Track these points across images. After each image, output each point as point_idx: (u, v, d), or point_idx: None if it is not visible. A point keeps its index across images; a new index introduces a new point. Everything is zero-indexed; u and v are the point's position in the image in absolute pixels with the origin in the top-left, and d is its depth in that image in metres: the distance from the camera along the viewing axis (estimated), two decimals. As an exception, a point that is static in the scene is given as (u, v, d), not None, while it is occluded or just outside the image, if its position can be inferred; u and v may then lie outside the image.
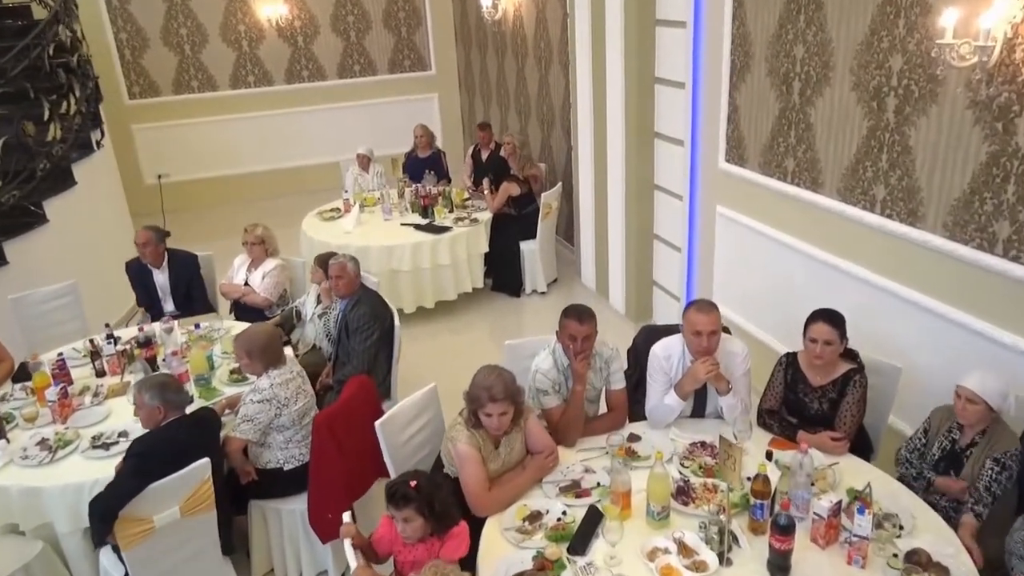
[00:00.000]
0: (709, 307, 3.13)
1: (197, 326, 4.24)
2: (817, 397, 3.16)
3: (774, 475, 2.70)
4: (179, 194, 9.18)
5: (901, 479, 2.97)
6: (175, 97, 8.97)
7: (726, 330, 3.39)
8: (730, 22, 4.33)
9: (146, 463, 2.82)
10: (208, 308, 4.89)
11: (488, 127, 7.32)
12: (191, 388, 3.76)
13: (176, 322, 4.48)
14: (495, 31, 8.29)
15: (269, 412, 3.26)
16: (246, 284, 4.86)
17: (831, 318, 3.06)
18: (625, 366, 3.77)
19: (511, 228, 6.36)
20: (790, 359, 3.26)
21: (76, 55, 5.90)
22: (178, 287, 4.85)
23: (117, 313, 5.75)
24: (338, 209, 6.60)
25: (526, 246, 6.35)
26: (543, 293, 6.46)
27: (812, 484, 2.71)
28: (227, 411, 3.52)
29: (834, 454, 2.99)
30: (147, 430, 3.01)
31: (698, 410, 3.32)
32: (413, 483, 2.42)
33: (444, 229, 5.99)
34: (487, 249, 6.22)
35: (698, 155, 4.93)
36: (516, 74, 7.91)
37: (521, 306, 6.36)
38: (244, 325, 4.44)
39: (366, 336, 3.92)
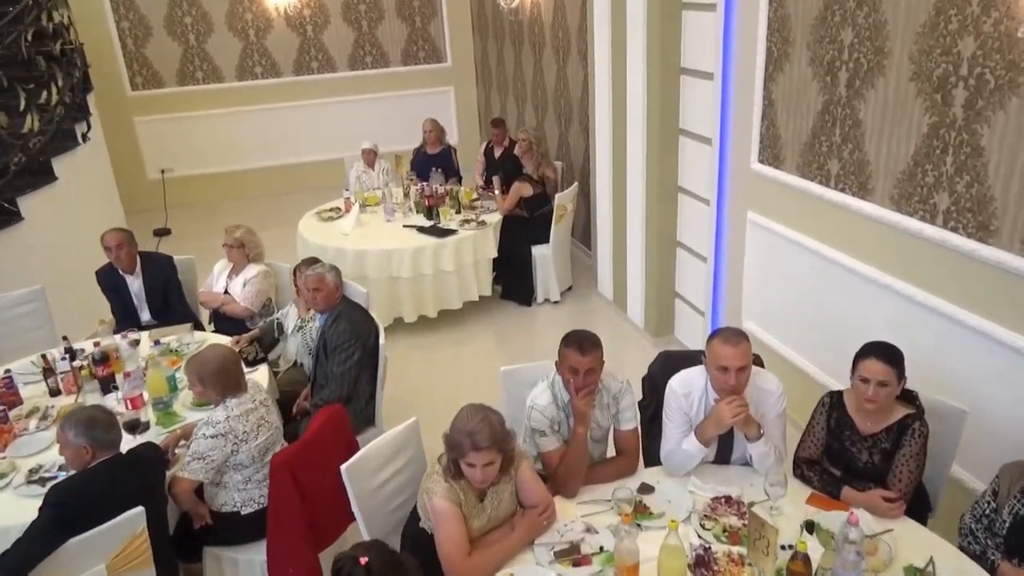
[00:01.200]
0: (738, 337, 2.62)
1: (157, 342, 3.81)
2: (867, 447, 2.64)
3: (815, 550, 2.21)
4: (182, 189, 8.83)
5: (962, 551, 2.45)
6: (179, 89, 8.61)
7: (757, 361, 2.89)
8: (766, 4, 3.81)
9: (66, 513, 2.40)
10: (186, 317, 4.47)
11: (502, 123, 6.84)
12: (148, 413, 3.35)
13: (146, 334, 4.08)
14: (511, 20, 7.81)
15: (224, 449, 2.82)
16: (226, 292, 4.44)
17: (888, 355, 2.54)
18: (639, 397, 3.29)
19: (522, 231, 5.88)
20: (834, 400, 2.75)
21: (59, 42, 5.52)
22: (153, 294, 4.44)
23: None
24: (338, 209, 6.17)
25: (538, 251, 5.86)
26: (556, 302, 5.97)
27: (861, 558, 2.20)
28: (182, 442, 3.09)
29: (887, 518, 2.48)
30: (74, 471, 2.59)
31: (723, 454, 2.82)
32: (363, 560, 1.96)
33: (449, 232, 5.53)
34: (495, 254, 5.75)
35: (727, 155, 4.41)
36: (533, 66, 7.42)
37: (532, 317, 5.88)
38: (221, 338, 4.05)
39: (346, 357, 3.47)
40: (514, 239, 5.87)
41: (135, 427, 3.15)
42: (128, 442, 3.09)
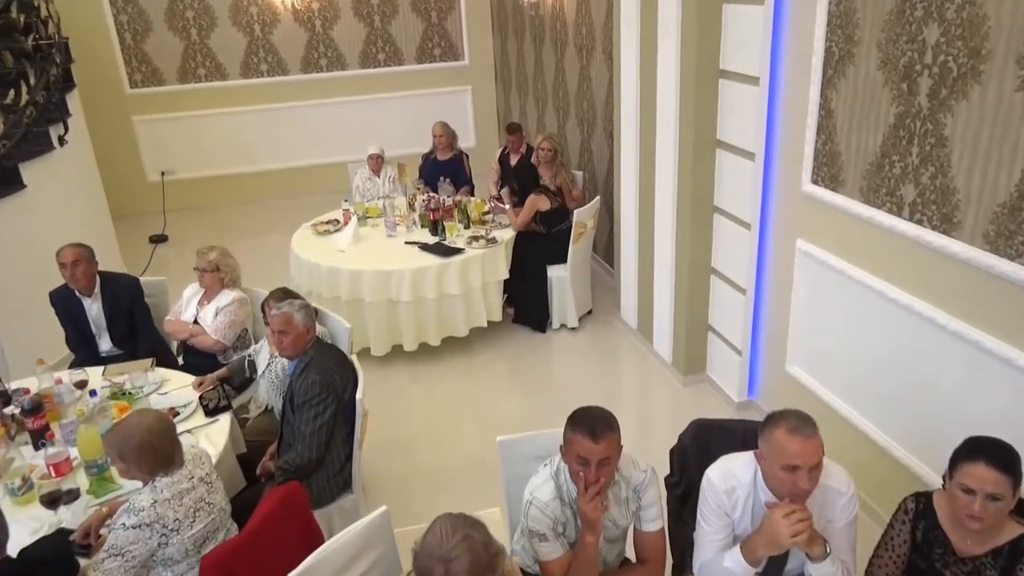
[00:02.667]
0: (811, 428, 2.03)
1: (93, 392, 3.28)
2: (966, 572, 2.03)
3: None
4: (183, 193, 8.37)
5: None
6: (180, 87, 8.13)
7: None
8: (827, -5, 3.19)
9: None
10: (154, 349, 3.96)
11: (519, 129, 6.25)
12: (79, 479, 2.82)
13: (100, 371, 3.56)
14: (532, 15, 7.21)
15: (149, 542, 2.28)
16: (196, 322, 3.91)
17: (1003, 459, 1.91)
18: (666, 472, 2.71)
19: (538, 249, 5.30)
20: (922, 506, 2.13)
21: (33, 37, 5.03)
22: (116, 320, 3.93)
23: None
24: (336, 221, 5.62)
25: (554, 272, 5.27)
26: (573, 329, 5.37)
27: None
28: (108, 523, 2.55)
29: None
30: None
31: (773, 568, 2.22)
32: None
33: (454, 251, 4.96)
34: (507, 275, 5.17)
35: (773, 173, 3.79)
36: (555, 65, 6.82)
37: (547, 344, 5.29)
38: (184, 377, 3.52)
39: (315, 414, 2.91)
40: (528, 257, 5.29)
41: (55, 500, 2.63)
42: (40, 525, 2.57)
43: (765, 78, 3.63)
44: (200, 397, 3.29)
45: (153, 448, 2.30)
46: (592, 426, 2.09)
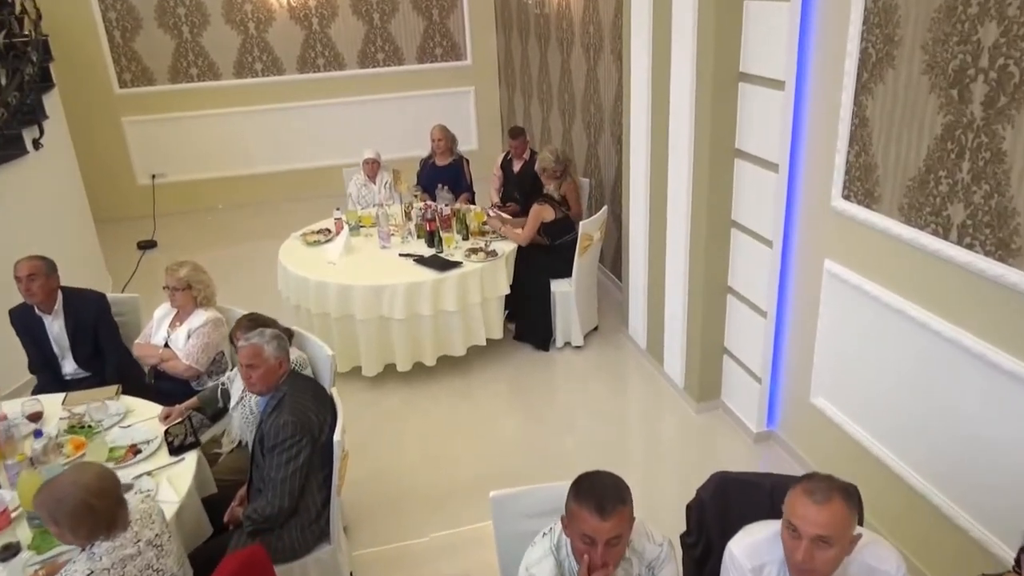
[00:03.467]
0: (828, 493, 1.72)
1: (38, 433, 2.96)
2: None
3: None
4: (175, 197, 8.08)
5: None
6: (172, 86, 7.83)
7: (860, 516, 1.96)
8: (863, -10, 2.86)
9: None
10: (122, 372, 3.65)
11: (522, 133, 5.92)
12: (20, 532, 2.51)
13: (64, 398, 3.26)
14: (537, 12, 6.88)
15: (84, 619, 1.96)
16: (167, 346, 3.59)
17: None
18: (683, 530, 2.39)
19: (541, 262, 4.97)
20: (990, 595, 1.81)
21: (4, 34, 4.73)
22: (80, 340, 3.63)
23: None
24: (327, 230, 5.31)
25: (558, 287, 4.94)
26: (578, 347, 5.04)
27: None
28: (48, 589, 2.25)
29: None
30: None
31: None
32: None
33: (452, 265, 4.64)
34: (508, 290, 4.84)
35: (799, 186, 3.46)
36: (560, 66, 6.49)
37: (550, 364, 4.96)
38: (150, 408, 3.21)
39: (287, 459, 2.59)
40: (531, 270, 4.96)
41: (-11, 559, 2.32)
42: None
43: (791, 82, 3.30)
44: (165, 432, 2.97)
45: (92, 510, 1.99)
46: (600, 500, 1.77)
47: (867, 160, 2.99)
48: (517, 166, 5.99)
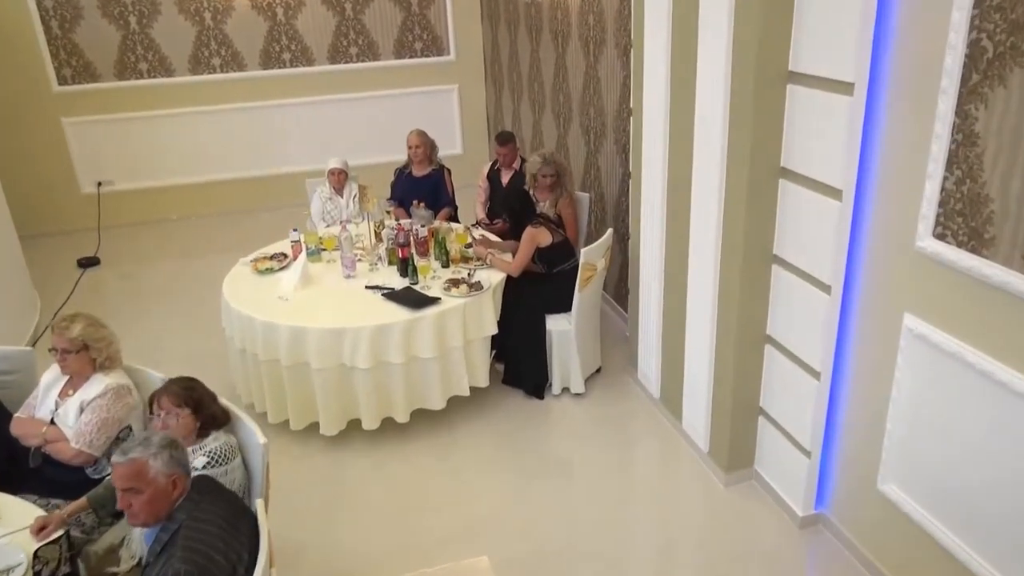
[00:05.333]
0: None
1: None
2: None
3: None
4: (123, 206, 7.23)
5: None
6: (118, 83, 6.97)
7: None
8: (978, -37, 2.10)
9: None
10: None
11: (511, 139, 5.15)
12: None
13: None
14: (528, 1, 6.10)
15: None
16: (52, 422, 2.79)
17: None
18: None
19: (535, 294, 4.20)
20: None
21: None
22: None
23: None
24: (283, 255, 4.51)
25: (556, 324, 4.18)
26: (579, 395, 4.28)
27: None
28: None
29: None
30: None
31: None
32: None
33: (428, 301, 3.85)
34: (495, 330, 4.07)
35: (869, 218, 2.71)
36: (555, 62, 5.71)
37: (545, 415, 4.19)
38: (24, 510, 2.42)
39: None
40: (523, 304, 4.19)
41: None
42: None
43: (862, 84, 2.54)
44: (35, 555, 2.19)
45: None
46: None
47: (974, 190, 2.24)
48: (506, 177, 5.22)
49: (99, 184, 7.17)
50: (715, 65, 3.04)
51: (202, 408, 2.39)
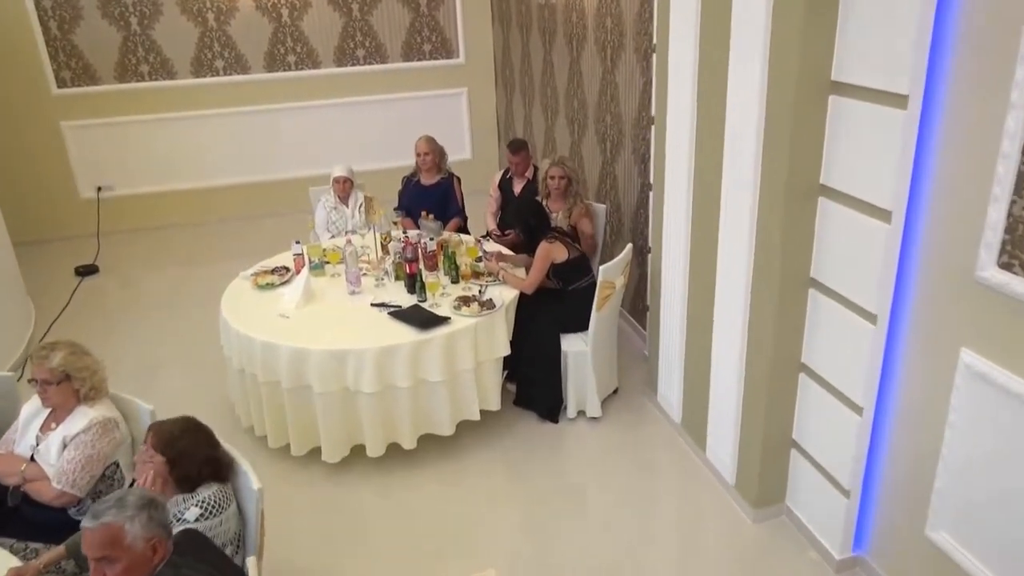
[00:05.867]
0: None
1: None
2: None
3: None
4: (123, 212, 7.05)
5: None
6: (119, 86, 6.78)
7: None
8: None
9: None
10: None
11: (524, 147, 4.93)
12: None
13: None
14: (541, 3, 5.88)
15: None
16: (32, 458, 2.58)
17: None
18: None
19: (550, 312, 3.99)
20: None
21: None
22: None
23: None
24: (285, 269, 4.30)
25: (571, 345, 3.95)
26: (595, 419, 4.05)
27: None
28: None
29: None
30: None
31: None
32: None
33: (437, 321, 3.63)
34: (508, 351, 3.85)
35: (921, 244, 2.47)
36: (569, 67, 5.49)
37: (559, 439, 3.97)
38: (0, 556, 2.22)
39: None
40: (537, 323, 3.97)
41: None
42: None
43: (917, 97, 2.31)
44: (4, 613, 1.98)
45: None
46: None
47: (1048, 216, 2.01)
48: (518, 186, 5.00)
49: (99, 189, 6.98)
50: (749, 72, 2.81)
51: (180, 464, 2.15)
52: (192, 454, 2.14)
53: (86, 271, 6.32)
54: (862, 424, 2.76)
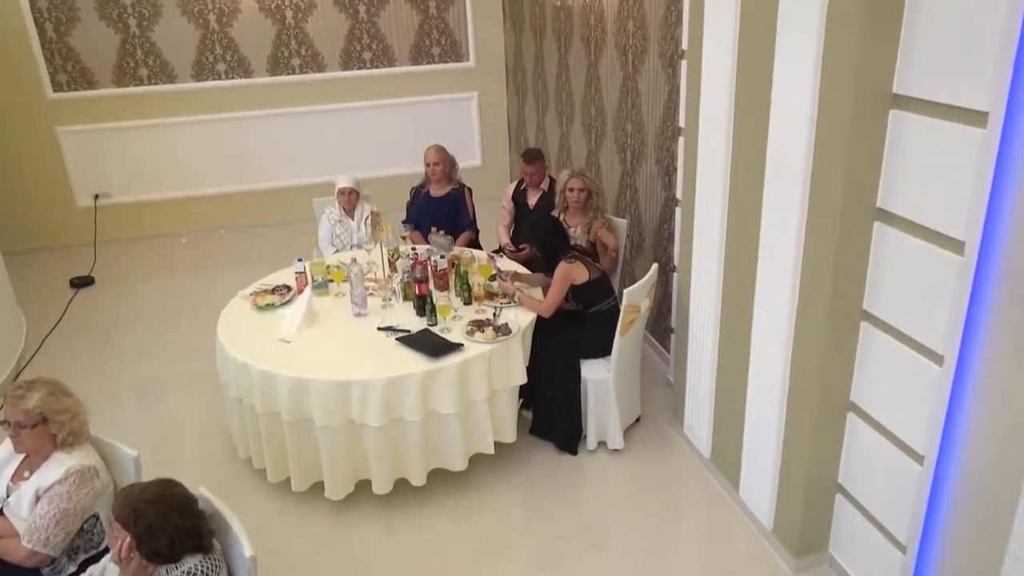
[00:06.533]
0: None
1: None
2: None
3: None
4: (121, 221, 6.81)
5: None
6: (117, 90, 6.54)
7: None
8: None
9: None
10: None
11: (539, 157, 4.67)
12: None
13: None
14: (556, 5, 5.62)
15: None
16: (2, 512, 2.33)
17: None
18: None
19: (569, 336, 3.72)
20: None
21: None
22: None
23: None
24: (286, 287, 4.04)
25: (592, 372, 3.69)
26: (616, 451, 3.78)
27: None
28: None
29: None
30: None
31: None
32: None
33: (449, 348, 3.37)
34: (524, 379, 3.58)
35: (998, 277, 2.19)
36: (586, 72, 5.22)
37: (578, 473, 3.70)
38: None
39: None
40: (555, 348, 3.71)
41: None
42: None
43: (998, 114, 2.04)
44: None
45: None
46: None
47: None
48: (533, 198, 4.74)
49: (96, 197, 6.74)
50: (798, 83, 2.54)
51: (148, 541, 1.89)
52: (162, 528, 1.88)
53: (81, 282, 6.08)
54: (923, 474, 2.49)
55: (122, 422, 4.19)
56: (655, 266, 3.73)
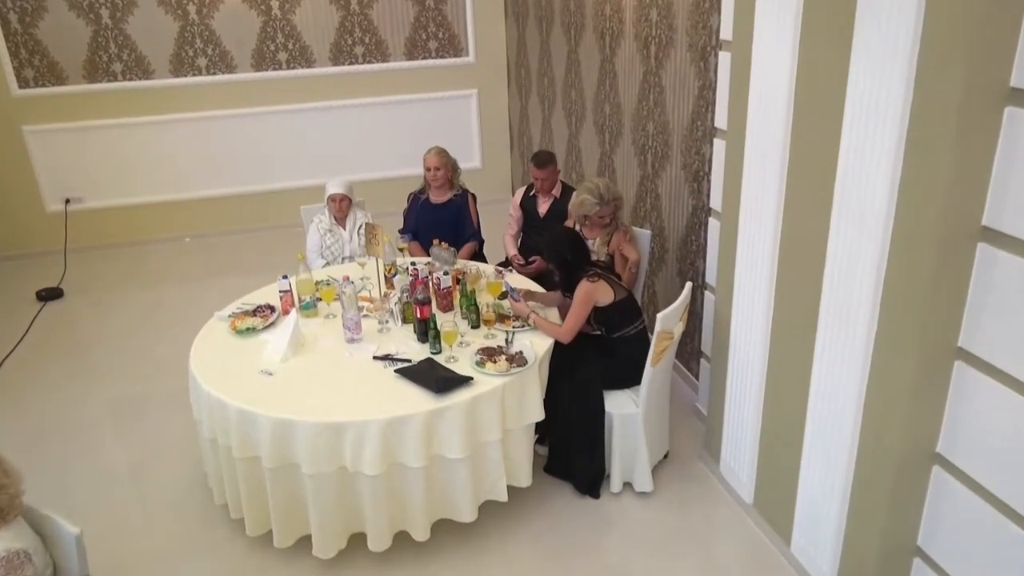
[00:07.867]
0: None
1: None
2: None
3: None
4: (94, 227, 6.35)
5: None
6: (88, 86, 6.06)
7: None
8: None
9: None
10: None
11: (551, 161, 4.22)
12: None
13: None
14: (566, -5, 5.18)
15: None
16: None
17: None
18: None
19: (591, 364, 3.27)
20: None
21: None
22: None
23: None
24: (270, 308, 3.57)
25: (617, 404, 3.24)
26: (644, 493, 3.34)
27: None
28: None
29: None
30: None
31: None
32: None
33: (454, 382, 2.92)
34: (541, 416, 3.14)
35: None
36: (598, 67, 4.78)
37: (601, 519, 3.25)
38: None
39: None
40: (576, 376, 3.26)
41: None
42: None
43: None
44: None
45: None
46: None
47: None
48: (544, 205, 4.29)
49: (67, 201, 6.26)
50: (886, 79, 2.10)
51: None
52: None
53: (49, 295, 5.60)
54: (1033, 545, 2.06)
55: (88, 452, 3.80)
56: (689, 285, 3.29)
